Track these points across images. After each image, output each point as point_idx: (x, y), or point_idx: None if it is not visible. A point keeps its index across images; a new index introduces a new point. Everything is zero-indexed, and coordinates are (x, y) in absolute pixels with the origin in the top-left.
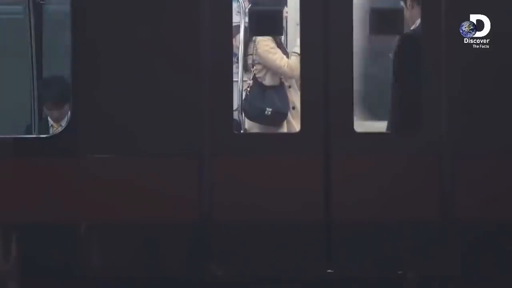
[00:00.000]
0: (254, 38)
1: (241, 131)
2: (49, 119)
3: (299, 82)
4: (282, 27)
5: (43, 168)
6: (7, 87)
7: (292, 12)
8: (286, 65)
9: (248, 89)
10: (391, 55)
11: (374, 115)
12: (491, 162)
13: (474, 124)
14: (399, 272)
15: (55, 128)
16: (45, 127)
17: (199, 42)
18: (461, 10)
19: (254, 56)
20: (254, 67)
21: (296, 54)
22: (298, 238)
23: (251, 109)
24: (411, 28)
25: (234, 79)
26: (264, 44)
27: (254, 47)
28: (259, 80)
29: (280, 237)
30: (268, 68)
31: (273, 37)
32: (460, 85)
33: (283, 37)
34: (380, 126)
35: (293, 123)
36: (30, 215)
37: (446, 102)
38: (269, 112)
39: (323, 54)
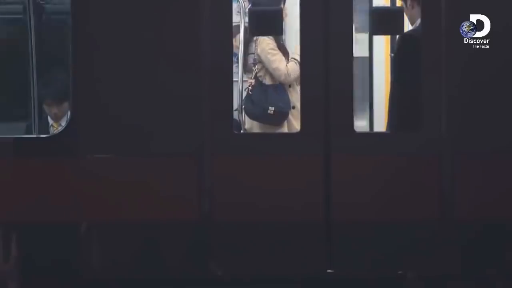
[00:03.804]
0: (255, 38)
1: (241, 131)
2: (49, 118)
3: (298, 82)
4: (282, 27)
5: (43, 168)
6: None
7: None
8: (283, 69)
9: (250, 88)
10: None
11: None
12: (491, 162)
13: (474, 124)
14: (399, 272)
15: (55, 128)
16: (45, 127)
17: (199, 42)
18: (461, 10)
19: (255, 55)
20: (256, 66)
21: (295, 61)
22: (298, 238)
23: (254, 108)
24: (411, 28)
25: (234, 79)
26: (266, 43)
27: (255, 46)
28: (260, 79)
29: (280, 237)
30: (266, 68)
31: (274, 38)
32: (460, 85)
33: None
34: None
35: (294, 123)
36: (30, 215)
37: (446, 101)
38: (272, 111)
39: (323, 54)
